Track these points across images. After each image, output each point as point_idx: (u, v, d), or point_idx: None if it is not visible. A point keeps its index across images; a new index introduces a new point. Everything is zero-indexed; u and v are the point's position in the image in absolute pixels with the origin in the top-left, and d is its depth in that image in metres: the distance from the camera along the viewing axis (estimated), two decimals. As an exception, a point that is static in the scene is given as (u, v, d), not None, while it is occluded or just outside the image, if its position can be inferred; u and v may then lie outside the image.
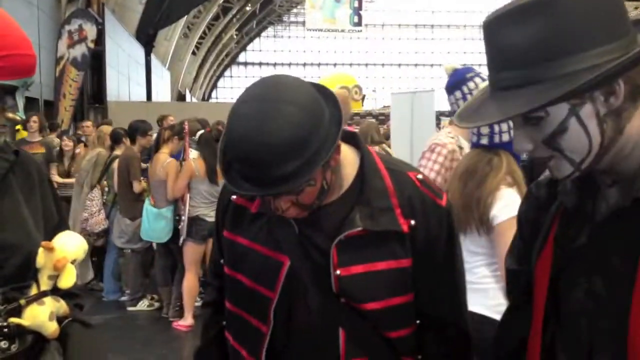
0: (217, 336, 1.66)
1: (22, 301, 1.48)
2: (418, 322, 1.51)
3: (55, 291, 1.56)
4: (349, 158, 1.50)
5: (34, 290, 1.51)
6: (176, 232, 5.46)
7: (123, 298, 6.35)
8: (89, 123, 8.71)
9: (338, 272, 1.43)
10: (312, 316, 1.46)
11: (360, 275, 1.43)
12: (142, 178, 5.98)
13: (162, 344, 5.27)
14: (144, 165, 6.26)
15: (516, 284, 1.37)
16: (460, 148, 3.10)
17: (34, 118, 7.26)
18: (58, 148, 7.50)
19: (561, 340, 1.23)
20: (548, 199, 1.30)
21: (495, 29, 1.12)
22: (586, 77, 1.04)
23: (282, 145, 1.27)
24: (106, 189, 6.44)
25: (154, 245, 5.87)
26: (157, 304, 6.16)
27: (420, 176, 1.52)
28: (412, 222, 1.45)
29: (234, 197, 1.56)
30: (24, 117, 1.60)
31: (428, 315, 1.51)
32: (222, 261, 1.61)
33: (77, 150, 7.47)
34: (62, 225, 1.67)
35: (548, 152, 1.15)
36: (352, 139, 1.54)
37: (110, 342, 4.74)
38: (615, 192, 1.17)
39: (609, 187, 1.18)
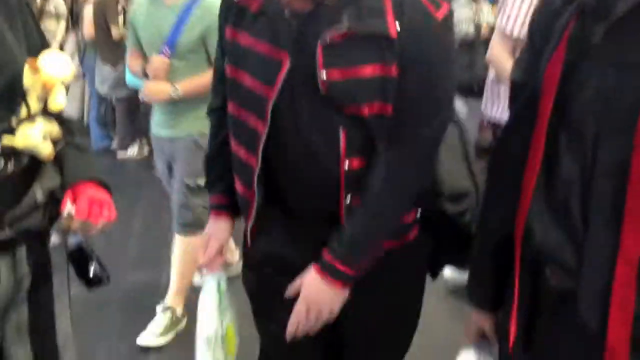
0: (224, 142, 1.68)
1: (14, 120, 1.48)
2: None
3: (45, 115, 1.56)
4: None
5: (24, 112, 1.51)
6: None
7: (112, 147, 6.37)
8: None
9: (323, 73, 1.42)
10: (310, 116, 1.47)
11: (344, 79, 1.42)
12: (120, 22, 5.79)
13: (154, 188, 5.37)
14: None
15: (519, 96, 1.36)
16: None
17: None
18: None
19: (566, 141, 1.23)
20: (563, 5, 1.27)
21: None
22: None
23: None
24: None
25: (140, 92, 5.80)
26: (147, 149, 6.17)
27: None
28: (399, 27, 1.41)
29: None
30: None
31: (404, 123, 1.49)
32: (224, 63, 1.60)
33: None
34: (45, 47, 1.63)
35: None
36: None
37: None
38: None
39: None
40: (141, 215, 4.70)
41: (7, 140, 1.47)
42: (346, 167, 1.48)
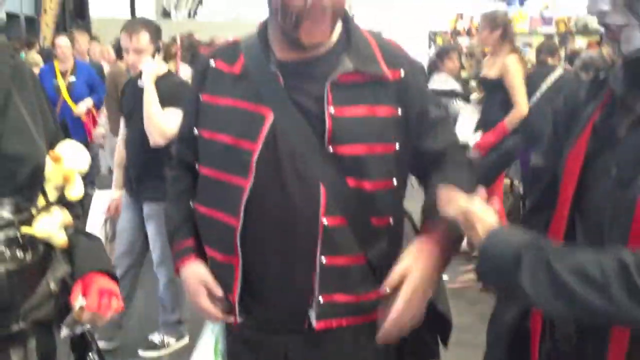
0: (184, 192, 1.75)
1: (34, 211, 1.49)
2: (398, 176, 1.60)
3: (59, 203, 1.57)
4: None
5: (41, 201, 1.53)
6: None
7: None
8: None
9: (332, 110, 1.52)
10: (294, 170, 1.52)
11: (351, 117, 1.53)
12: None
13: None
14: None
15: (538, 182, 1.41)
16: None
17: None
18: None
19: (582, 228, 1.25)
20: (588, 95, 1.32)
21: None
22: None
23: None
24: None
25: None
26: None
27: (395, 42, 1.69)
28: (399, 71, 1.58)
29: (212, 62, 1.63)
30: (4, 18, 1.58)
31: (428, 151, 1.64)
32: (195, 131, 1.65)
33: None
34: (59, 134, 1.66)
35: (624, 18, 1.14)
36: None
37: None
38: None
39: None
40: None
41: (26, 229, 1.48)
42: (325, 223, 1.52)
